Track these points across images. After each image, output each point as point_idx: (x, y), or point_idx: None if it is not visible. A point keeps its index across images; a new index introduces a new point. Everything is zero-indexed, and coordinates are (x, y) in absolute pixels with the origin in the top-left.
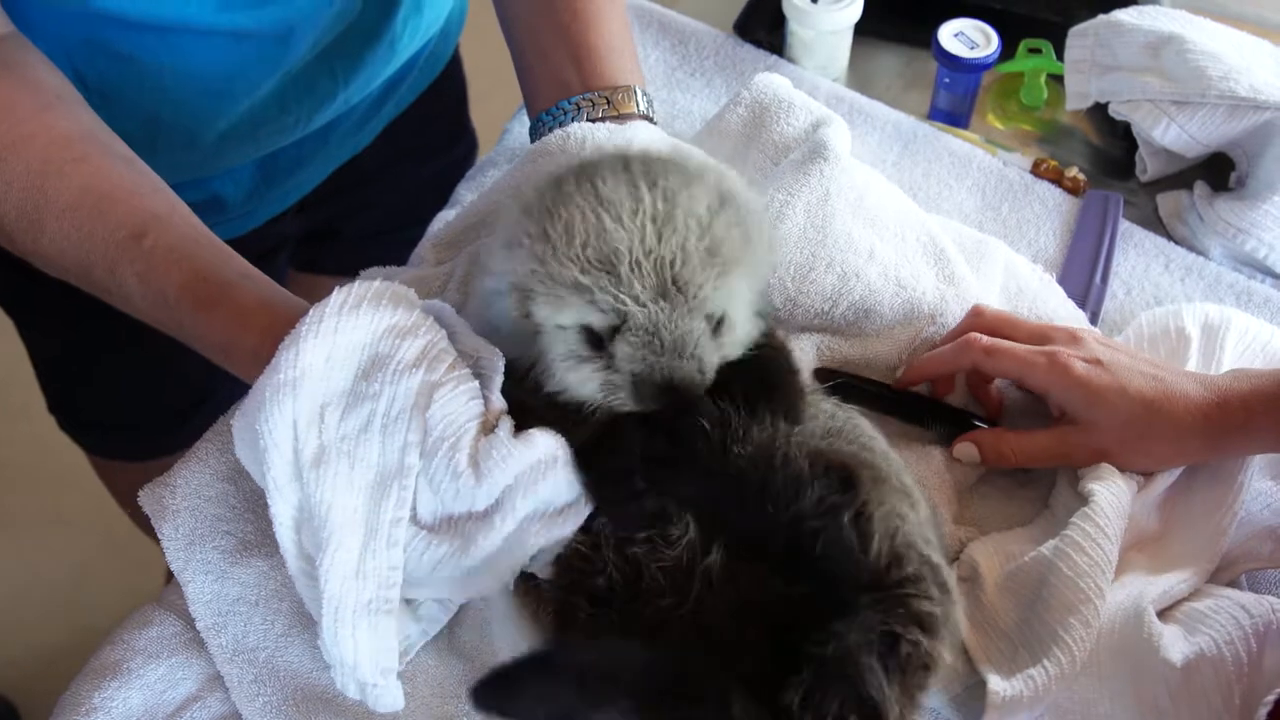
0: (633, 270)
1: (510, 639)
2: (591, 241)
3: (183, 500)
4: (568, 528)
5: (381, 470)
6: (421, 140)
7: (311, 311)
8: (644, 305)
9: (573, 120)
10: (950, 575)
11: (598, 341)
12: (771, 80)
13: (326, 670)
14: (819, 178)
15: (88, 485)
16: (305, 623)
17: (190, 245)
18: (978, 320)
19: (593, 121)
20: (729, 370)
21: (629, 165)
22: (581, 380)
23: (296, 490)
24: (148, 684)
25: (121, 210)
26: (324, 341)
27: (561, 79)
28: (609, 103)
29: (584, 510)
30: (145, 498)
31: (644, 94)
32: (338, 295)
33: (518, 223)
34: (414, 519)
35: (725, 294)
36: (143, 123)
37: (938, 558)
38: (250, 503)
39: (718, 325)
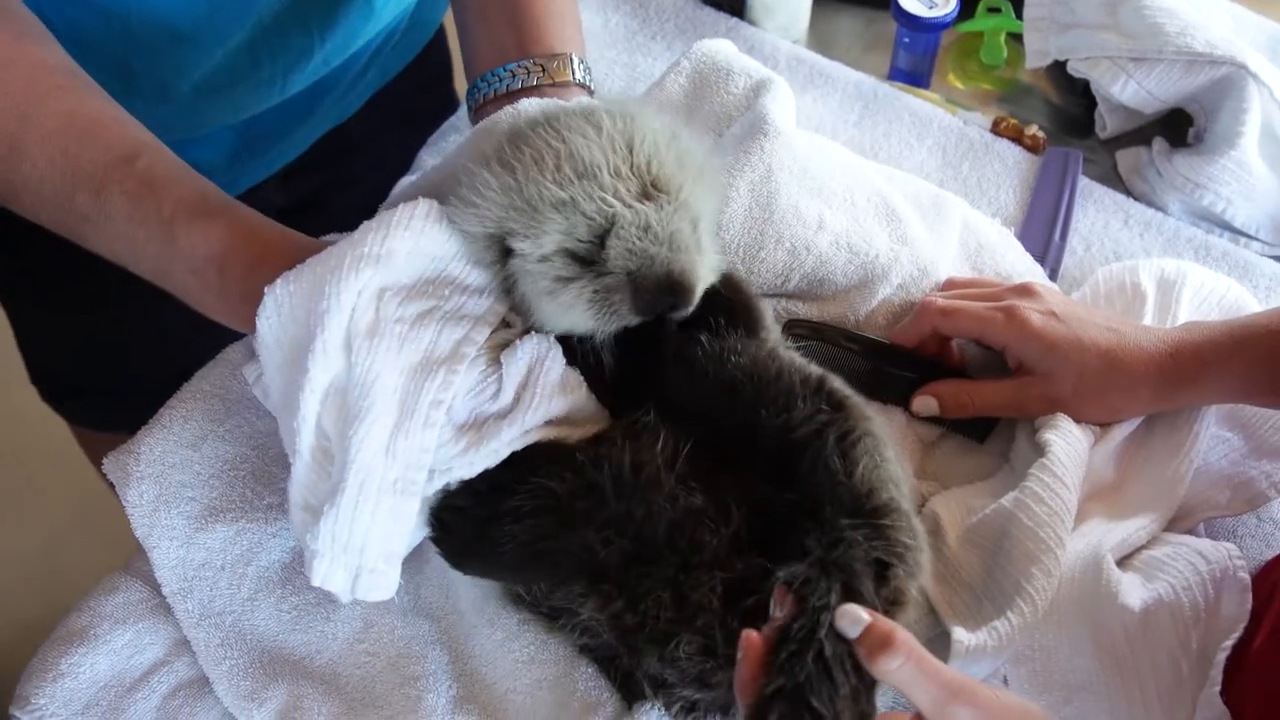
0: (614, 175)
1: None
2: (564, 161)
3: (146, 467)
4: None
5: (430, 355)
6: (406, 112)
7: (402, 208)
8: (630, 205)
9: (507, 86)
10: (920, 526)
11: (583, 260)
12: (711, 46)
13: (294, 632)
14: (759, 154)
15: (61, 458)
16: (271, 586)
17: (184, 168)
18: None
19: (528, 89)
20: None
21: (576, 108)
22: (569, 303)
23: (340, 360)
24: (114, 649)
25: (112, 135)
26: (411, 235)
27: (499, 43)
28: (545, 71)
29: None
30: (109, 465)
31: (581, 62)
32: (424, 205)
33: (471, 179)
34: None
35: (699, 203)
36: (115, 72)
37: (908, 506)
38: (215, 469)
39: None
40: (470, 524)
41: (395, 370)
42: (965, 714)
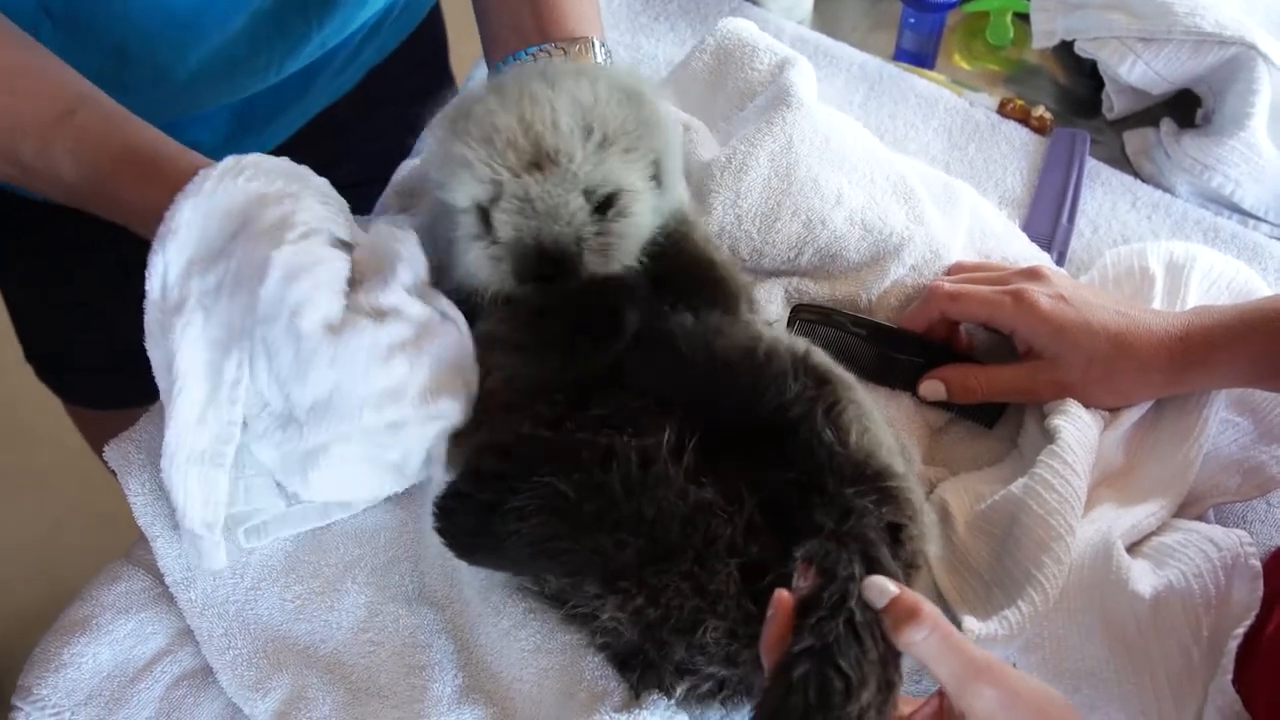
0: (508, 142)
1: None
2: (477, 123)
3: (149, 455)
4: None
5: (229, 328)
6: (401, 89)
7: (201, 173)
8: (517, 175)
9: None
10: (920, 489)
11: (485, 219)
12: (736, 25)
13: (297, 621)
14: (781, 125)
15: (60, 443)
16: (274, 575)
17: (121, 120)
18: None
19: None
20: (659, 267)
21: (536, 70)
22: (476, 261)
23: (162, 337)
24: (117, 639)
25: (49, 89)
26: (203, 200)
27: (519, 26)
28: (566, 54)
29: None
30: (110, 453)
31: (603, 45)
32: (227, 161)
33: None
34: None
35: (608, 171)
36: (110, 55)
37: (904, 468)
38: None
39: (606, 204)
40: (474, 513)
41: (207, 343)
42: (988, 692)
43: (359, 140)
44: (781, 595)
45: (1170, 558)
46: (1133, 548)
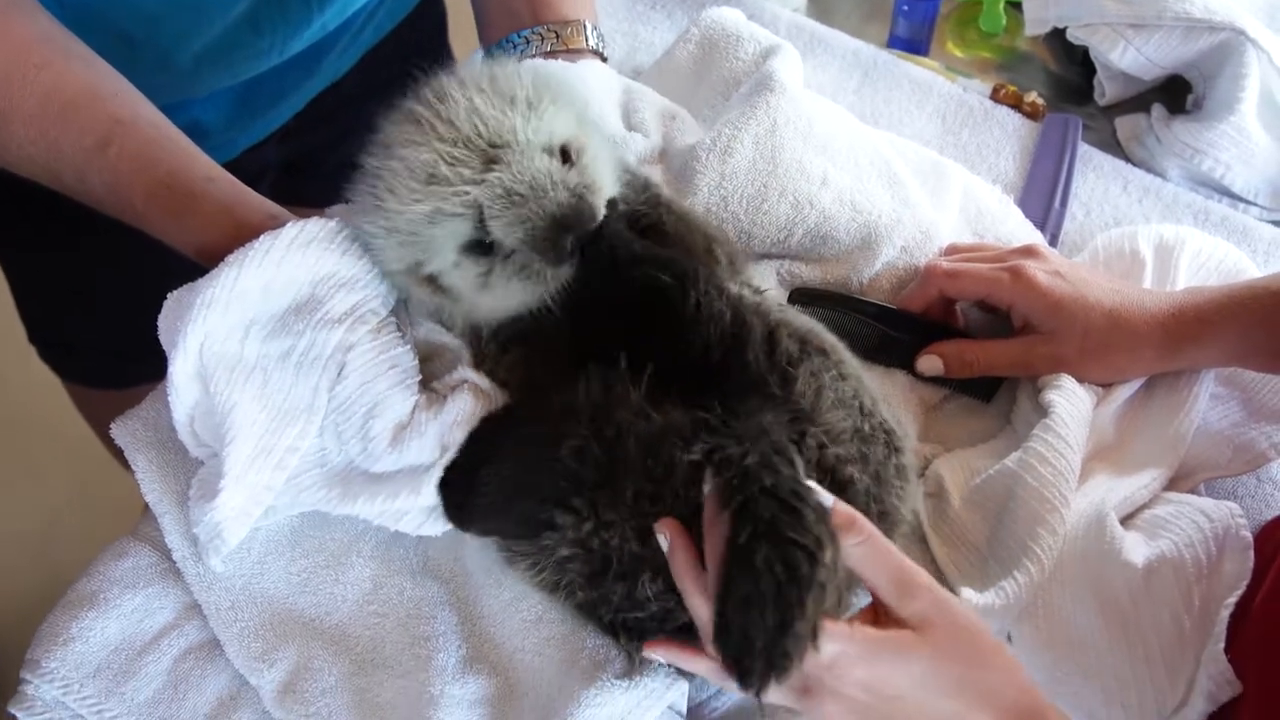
0: (451, 163)
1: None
2: (409, 176)
3: (155, 432)
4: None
5: (291, 400)
6: (402, 68)
7: (263, 238)
8: (481, 181)
9: (521, 53)
10: (910, 450)
11: (486, 248)
12: (720, 14)
13: (303, 594)
14: (765, 109)
15: (57, 435)
16: (280, 549)
17: (154, 150)
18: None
19: (542, 55)
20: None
21: (400, 117)
22: (503, 291)
23: (193, 391)
24: (124, 613)
25: (85, 117)
26: (265, 271)
27: (512, 9)
28: (559, 37)
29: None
30: (118, 431)
31: (594, 29)
32: (291, 229)
33: (362, 234)
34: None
35: (548, 127)
36: (116, 42)
37: (896, 427)
38: None
39: (565, 156)
40: (464, 475)
41: (260, 404)
42: (923, 594)
43: (361, 119)
44: (668, 520)
45: (1162, 529)
46: (1125, 519)
